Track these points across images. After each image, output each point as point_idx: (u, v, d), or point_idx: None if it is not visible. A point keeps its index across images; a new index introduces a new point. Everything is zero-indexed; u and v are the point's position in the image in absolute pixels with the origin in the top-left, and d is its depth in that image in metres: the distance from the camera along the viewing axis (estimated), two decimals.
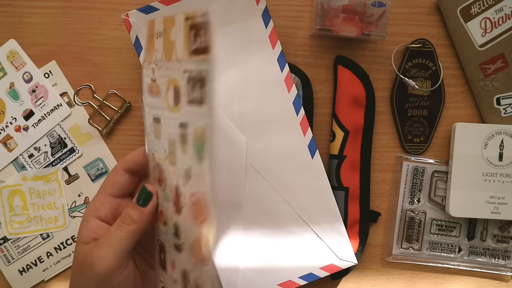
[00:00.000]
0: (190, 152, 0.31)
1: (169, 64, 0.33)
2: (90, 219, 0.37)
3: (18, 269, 0.52)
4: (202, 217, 0.31)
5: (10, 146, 0.51)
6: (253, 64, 0.48)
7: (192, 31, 0.30)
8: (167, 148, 0.34)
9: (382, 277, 0.54)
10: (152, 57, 0.34)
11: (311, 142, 0.49)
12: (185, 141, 0.32)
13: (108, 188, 0.38)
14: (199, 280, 0.32)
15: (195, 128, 0.31)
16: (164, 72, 0.33)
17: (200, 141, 0.30)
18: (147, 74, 0.35)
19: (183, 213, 0.33)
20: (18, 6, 0.50)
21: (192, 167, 0.31)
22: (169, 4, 0.47)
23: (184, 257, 0.33)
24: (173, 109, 0.33)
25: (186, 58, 0.31)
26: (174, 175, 0.34)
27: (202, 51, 0.29)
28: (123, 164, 0.38)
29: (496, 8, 0.50)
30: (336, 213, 0.49)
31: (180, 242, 0.34)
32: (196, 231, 0.31)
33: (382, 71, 0.52)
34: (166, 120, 0.34)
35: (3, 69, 0.50)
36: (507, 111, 0.52)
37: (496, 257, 0.53)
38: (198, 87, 0.30)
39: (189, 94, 0.31)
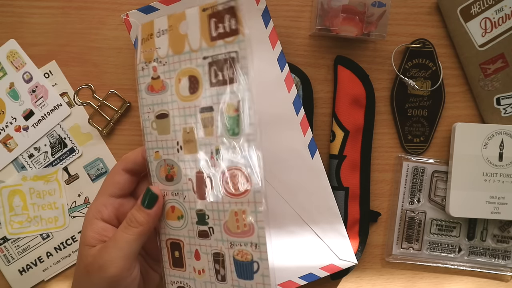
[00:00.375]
0: (218, 132, 0.33)
1: (180, 57, 0.35)
2: (93, 221, 0.38)
3: (18, 269, 0.52)
4: (243, 189, 0.33)
5: (10, 146, 0.51)
6: None
7: (212, 19, 0.33)
8: (181, 139, 0.35)
9: (382, 277, 0.54)
10: (152, 56, 0.36)
11: (311, 142, 0.49)
12: (209, 124, 0.34)
13: (109, 189, 0.38)
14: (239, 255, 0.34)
15: (225, 107, 0.33)
16: (173, 66, 0.35)
17: (233, 116, 0.33)
18: (146, 74, 0.36)
19: (209, 196, 0.34)
20: (18, 6, 0.50)
21: (220, 146, 0.33)
22: (169, 4, 0.47)
23: (215, 240, 0.35)
24: (189, 97, 0.35)
25: (206, 46, 0.33)
26: (193, 162, 0.35)
27: (228, 34, 0.32)
28: (122, 164, 0.38)
29: (496, 8, 0.50)
30: (336, 213, 0.49)
31: (208, 227, 0.35)
32: (234, 207, 0.33)
33: (382, 71, 0.52)
34: (178, 111, 0.35)
35: (3, 69, 0.50)
36: (507, 111, 0.52)
37: (496, 257, 0.53)
38: (226, 68, 0.33)
39: (213, 78, 0.33)
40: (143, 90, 0.37)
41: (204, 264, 0.36)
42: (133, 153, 0.39)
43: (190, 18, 0.34)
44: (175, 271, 0.38)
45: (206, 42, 0.33)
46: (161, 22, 0.35)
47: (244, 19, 0.32)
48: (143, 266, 0.41)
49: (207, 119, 0.34)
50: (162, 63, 0.36)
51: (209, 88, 0.34)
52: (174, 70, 0.35)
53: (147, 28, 0.36)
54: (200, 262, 0.36)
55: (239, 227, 0.34)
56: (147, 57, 0.36)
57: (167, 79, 0.35)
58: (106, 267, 0.35)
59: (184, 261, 0.37)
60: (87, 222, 0.38)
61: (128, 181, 0.39)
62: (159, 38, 0.36)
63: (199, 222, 0.35)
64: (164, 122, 0.36)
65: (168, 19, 0.35)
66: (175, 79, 0.35)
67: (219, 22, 0.33)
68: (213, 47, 0.33)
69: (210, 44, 0.33)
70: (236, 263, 0.35)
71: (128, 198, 0.40)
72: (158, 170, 0.37)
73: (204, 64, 0.34)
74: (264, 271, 0.33)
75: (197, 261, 0.36)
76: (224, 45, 0.33)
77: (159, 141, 0.37)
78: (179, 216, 0.37)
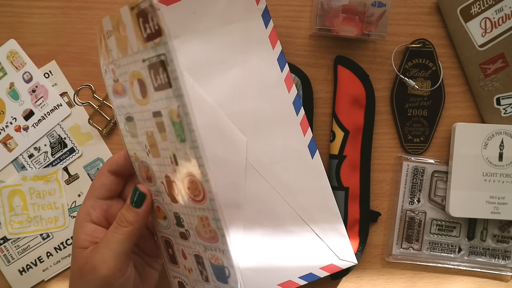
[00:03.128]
0: (170, 137, 0.31)
1: (127, 59, 0.33)
2: (84, 224, 0.38)
3: (18, 269, 0.52)
4: (200, 196, 0.32)
5: (10, 146, 0.51)
6: (253, 64, 0.48)
7: (140, 19, 0.30)
8: (146, 143, 0.34)
9: (382, 277, 0.54)
10: (109, 58, 0.34)
11: (311, 142, 0.49)
12: (162, 129, 0.32)
13: (96, 191, 0.39)
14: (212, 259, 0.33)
15: (169, 112, 0.31)
16: (124, 68, 0.33)
17: (177, 122, 0.30)
18: (109, 77, 0.35)
19: (179, 200, 0.33)
20: (18, 6, 0.50)
21: (176, 152, 0.31)
22: (169, 4, 0.47)
23: (193, 242, 0.34)
24: (142, 101, 0.33)
25: (142, 47, 0.31)
26: (161, 166, 0.34)
27: (155, 35, 0.29)
28: (107, 166, 0.39)
29: (496, 8, 0.50)
30: (336, 213, 0.49)
31: (185, 229, 0.35)
32: (198, 212, 0.32)
33: (382, 71, 0.52)
34: (138, 115, 0.34)
35: (3, 69, 0.50)
36: (507, 111, 0.52)
37: (496, 257, 0.53)
38: (160, 71, 0.30)
39: (154, 82, 0.31)
40: (110, 92, 0.36)
41: (191, 264, 0.36)
42: (116, 155, 0.39)
43: (125, 18, 0.31)
44: (173, 267, 0.39)
45: (141, 44, 0.31)
46: (107, 22, 0.33)
47: (165, 17, 0.29)
48: (140, 264, 0.41)
49: (160, 124, 0.32)
50: (117, 66, 0.34)
51: (153, 92, 0.31)
52: (126, 73, 0.33)
53: (100, 29, 0.34)
54: (187, 261, 0.37)
55: (206, 232, 0.33)
56: (106, 59, 0.35)
57: (124, 82, 0.34)
58: (98, 267, 0.35)
59: (176, 259, 0.38)
60: (78, 225, 0.38)
61: (114, 182, 0.39)
62: (109, 39, 0.34)
63: (178, 224, 0.35)
64: (132, 125, 0.36)
65: (111, 20, 0.33)
66: (129, 82, 0.33)
67: (145, 22, 0.30)
68: (146, 50, 0.30)
69: (144, 46, 0.31)
70: (212, 266, 0.34)
71: (116, 199, 0.40)
72: (140, 171, 0.37)
73: (144, 67, 0.31)
74: (234, 277, 0.33)
75: (185, 260, 0.37)
76: (154, 47, 0.30)
77: (134, 143, 0.36)
78: (164, 217, 0.37)
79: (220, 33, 0.47)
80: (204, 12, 0.47)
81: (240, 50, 0.47)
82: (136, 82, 0.33)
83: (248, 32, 0.47)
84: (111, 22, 0.33)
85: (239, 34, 0.47)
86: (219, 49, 0.48)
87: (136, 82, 0.33)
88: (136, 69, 0.32)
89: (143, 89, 0.32)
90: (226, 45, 0.47)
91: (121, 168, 0.39)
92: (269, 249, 0.48)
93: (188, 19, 0.47)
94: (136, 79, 0.33)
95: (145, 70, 0.31)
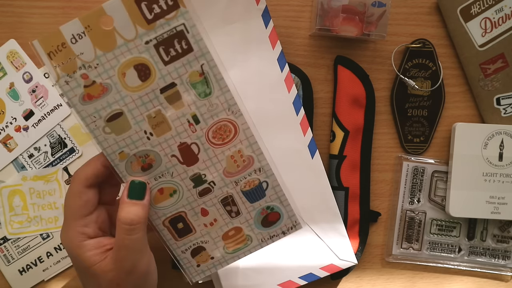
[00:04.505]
0: (189, 100, 0.36)
1: (114, 52, 0.34)
2: (82, 245, 0.36)
3: (18, 269, 0.52)
4: (231, 134, 0.37)
5: (10, 146, 0.51)
6: (253, 64, 0.48)
7: (143, 3, 0.33)
8: (148, 127, 0.36)
9: (382, 277, 0.54)
10: (75, 65, 0.34)
11: (311, 142, 0.49)
12: (176, 99, 0.35)
13: (81, 211, 0.37)
14: (246, 186, 0.39)
15: (188, 76, 0.35)
16: (108, 64, 0.35)
17: (199, 81, 0.35)
18: (74, 86, 0.35)
19: (202, 157, 0.37)
20: (18, 6, 0.50)
21: (197, 111, 0.36)
22: None
23: (218, 188, 0.38)
24: (142, 86, 0.35)
25: (143, 31, 0.34)
26: (171, 140, 0.37)
27: (166, 11, 0.33)
28: (82, 182, 0.37)
29: (496, 8, 0.50)
30: (336, 213, 0.49)
31: (207, 183, 0.38)
32: (228, 152, 0.37)
33: (382, 71, 0.52)
34: (133, 103, 0.35)
35: (3, 69, 0.50)
36: (507, 111, 0.52)
37: (496, 257, 0.53)
38: (176, 42, 0.34)
39: (165, 56, 0.34)
40: (77, 103, 0.35)
41: (214, 215, 0.39)
42: (89, 167, 0.37)
43: (112, 11, 0.33)
44: (183, 240, 0.40)
45: (143, 27, 0.34)
46: (72, 27, 0.34)
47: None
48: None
49: (172, 95, 0.35)
50: (92, 67, 0.34)
51: (164, 67, 0.35)
52: (112, 68, 0.34)
53: (52, 40, 0.34)
54: (209, 216, 0.39)
55: (239, 165, 0.38)
56: (68, 69, 0.34)
57: (106, 80, 0.35)
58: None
59: (191, 226, 0.39)
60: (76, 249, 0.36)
61: (94, 194, 0.38)
62: (76, 44, 0.34)
63: (197, 184, 0.38)
64: (120, 121, 0.36)
65: (82, 21, 0.33)
66: (117, 75, 0.35)
67: (152, 3, 0.33)
68: (153, 29, 0.34)
69: (148, 28, 0.34)
70: (245, 193, 0.39)
71: (98, 207, 0.39)
72: (129, 168, 0.37)
73: (148, 49, 0.34)
74: (273, 183, 0.39)
75: (205, 217, 0.39)
76: (166, 23, 0.34)
77: (120, 141, 0.36)
78: (171, 193, 0.38)
79: (220, 33, 0.47)
80: (204, 12, 0.47)
81: (240, 50, 0.47)
82: (130, 71, 0.35)
83: (248, 32, 0.47)
84: (82, 23, 0.34)
85: (239, 34, 0.47)
86: (219, 49, 0.48)
87: (132, 70, 0.35)
88: (132, 56, 0.34)
89: (143, 73, 0.35)
90: (226, 45, 0.47)
91: (99, 178, 0.38)
92: (269, 249, 0.48)
93: None
94: (132, 67, 0.35)
95: (149, 51, 0.34)
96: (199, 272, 0.41)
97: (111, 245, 0.37)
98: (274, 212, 0.40)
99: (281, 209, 0.40)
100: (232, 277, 0.48)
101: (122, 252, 0.36)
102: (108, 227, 0.39)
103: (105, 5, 0.33)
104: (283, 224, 0.41)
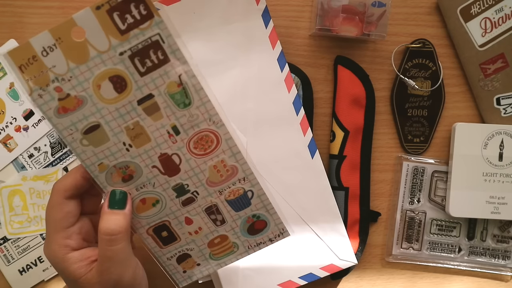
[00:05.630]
0: (167, 112, 0.35)
1: (87, 65, 0.33)
2: (66, 258, 0.36)
3: (18, 269, 0.52)
4: (213, 145, 0.36)
5: (10, 146, 0.51)
6: (253, 64, 0.48)
7: (115, 13, 0.32)
8: (126, 139, 0.35)
9: (382, 277, 0.54)
10: (47, 78, 0.34)
11: (311, 142, 0.49)
12: (154, 110, 0.35)
13: (62, 222, 0.36)
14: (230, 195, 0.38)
15: (166, 87, 0.34)
16: (82, 77, 0.34)
17: (177, 92, 0.34)
18: (48, 99, 0.34)
19: (183, 167, 0.37)
20: (18, 6, 0.50)
21: (176, 122, 0.35)
22: (169, 4, 0.47)
23: (202, 198, 0.38)
24: (117, 98, 0.34)
25: (117, 42, 0.33)
26: (151, 151, 0.36)
27: (140, 21, 0.32)
28: (63, 194, 0.37)
29: (496, 8, 0.50)
30: (336, 213, 0.49)
31: (190, 193, 0.38)
32: (210, 162, 0.37)
33: (382, 71, 0.52)
34: (109, 116, 0.35)
35: (3, 69, 0.50)
36: (507, 111, 0.52)
37: (496, 257, 0.53)
38: (152, 52, 0.33)
39: (141, 67, 0.33)
40: (52, 116, 0.35)
41: (199, 223, 0.39)
42: (69, 179, 0.37)
43: (84, 22, 0.32)
44: (169, 247, 0.40)
45: (116, 38, 0.33)
46: (42, 39, 0.33)
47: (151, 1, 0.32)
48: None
49: (150, 107, 0.35)
50: (66, 80, 0.34)
51: (140, 78, 0.34)
52: (86, 80, 0.34)
53: (22, 53, 0.33)
54: (193, 224, 0.39)
55: (222, 175, 0.37)
56: (41, 82, 0.34)
57: (81, 92, 0.34)
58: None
59: (176, 234, 0.39)
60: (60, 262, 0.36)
61: (76, 205, 0.37)
62: (47, 56, 0.33)
63: (179, 194, 0.38)
64: (98, 134, 0.35)
65: (52, 33, 0.32)
66: (92, 87, 0.34)
67: (124, 13, 0.32)
68: (127, 40, 0.33)
69: (121, 39, 0.33)
70: (230, 202, 0.39)
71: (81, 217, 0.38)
72: (110, 179, 0.37)
73: (123, 60, 0.33)
74: (259, 192, 0.39)
75: (189, 225, 0.39)
76: (140, 33, 0.33)
77: (99, 153, 0.36)
78: (154, 203, 0.38)
79: (220, 33, 0.47)
80: (204, 12, 0.47)
81: (240, 50, 0.48)
82: (105, 83, 0.34)
83: (248, 32, 0.47)
84: (52, 35, 0.33)
85: (239, 34, 0.47)
86: (219, 49, 0.48)
87: (107, 82, 0.34)
88: (106, 68, 0.33)
89: (119, 85, 0.34)
90: (226, 45, 0.47)
91: (80, 189, 0.37)
92: (269, 249, 0.48)
93: (188, 19, 0.47)
94: (107, 79, 0.34)
95: (124, 63, 0.33)
96: (185, 277, 0.41)
97: (96, 256, 0.36)
98: (260, 220, 0.40)
99: (268, 217, 0.40)
100: (232, 277, 0.48)
101: (106, 264, 0.35)
102: (93, 236, 0.39)
103: (76, 16, 0.32)
104: (270, 231, 0.40)
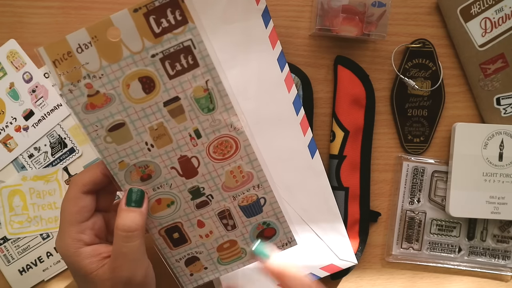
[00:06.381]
0: (191, 115, 0.36)
1: (120, 64, 0.34)
2: (79, 252, 0.36)
3: (18, 269, 0.52)
4: (232, 150, 0.37)
5: (10, 146, 0.51)
6: (253, 64, 0.48)
7: (151, 17, 0.33)
8: (149, 138, 0.36)
9: (382, 277, 0.54)
10: (79, 74, 0.35)
11: (311, 142, 0.49)
12: (179, 112, 0.36)
13: (77, 216, 0.37)
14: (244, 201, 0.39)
15: (193, 91, 0.35)
16: (113, 75, 0.35)
17: (203, 97, 0.36)
18: (78, 95, 0.35)
19: (201, 170, 0.38)
20: (18, 6, 0.50)
21: (199, 126, 0.36)
22: None
23: (216, 202, 0.39)
24: (145, 98, 0.35)
25: (150, 44, 0.34)
26: (171, 152, 0.37)
27: (175, 26, 0.34)
28: (80, 188, 0.37)
29: (496, 8, 0.50)
30: (336, 213, 0.49)
31: (205, 196, 0.39)
32: (228, 167, 0.38)
33: (382, 71, 0.52)
34: (136, 115, 0.36)
35: (3, 69, 0.50)
36: (507, 111, 0.52)
37: (496, 257, 0.53)
38: (182, 57, 0.34)
39: (170, 70, 0.35)
40: (80, 111, 0.36)
41: (210, 227, 0.40)
42: (88, 174, 0.37)
43: (120, 23, 0.34)
44: (178, 249, 0.40)
45: (150, 40, 0.34)
46: (79, 36, 0.34)
47: (190, 7, 0.33)
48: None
49: (175, 109, 0.36)
50: (97, 77, 0.35)
51: (168, 81, 0.35)
52: (116, 79, 0.35)
53: (58, 48, 0.34)
54: (205, 228, 0.40)
55: (237, 181, 0.38)
56: (72, 77, 0.35)
57: (110, 90, 0.35)
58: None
59: (187, 236, 0.40)
60: (72, 256, 0.36)
61: (91, 201, 0.38)
62: (82, 53, 0.34)
63: (195, 197, 0.38)
64: (122, 132, 0.36)
65: (89, 31, 0.34)
66: (122, 86, 0.35)
67: (160, 17, 0.33)
68: (160, 43, 0.34)
69: (155, 41, 0.34)
70: (243, 208, 0.39)
71: (95, 213, 0.39)
72: (128, 177, 0.37)
73: (154, 62, 0.34)
74: (271, 200, 0.39)
75: (201, 228, 0.40)
76: (174, 37, 0.34)
77: (121, 151, 0.37)
78: (169, 204, 0.39)
79: (220, 33, 0.47)
80: (204, 12, 0.47)
81: (240, 50, 0.47)
82: (135, 83, 0.35)
83: (248, 32, 0.47)
84: (88, 34, 0.34)
85: (239, 34, 0.47)
86: (219, 49, 0.47)
87: (136, 82, 0.35)
88: (137, 69, 0.35)
89: (148, 85, 0.35)
90: (226, 45, 0.47)
91: (98, 185, 0.38)
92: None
93: None
94: (136, 79, 0.35)
95: (155, 65, 0.34)
96: (192, 281, 0.42)
97: (108, 253, 0.37)
98: (270, 228, 0.40)
99: (277, 225, 0.40)
100: (232, 277, 0.48)
101: (119, 260, 0.35)
102: (104, 234, 0.39)
103: (113, 16, 0.34)
104: (278, 240, 0.41)
